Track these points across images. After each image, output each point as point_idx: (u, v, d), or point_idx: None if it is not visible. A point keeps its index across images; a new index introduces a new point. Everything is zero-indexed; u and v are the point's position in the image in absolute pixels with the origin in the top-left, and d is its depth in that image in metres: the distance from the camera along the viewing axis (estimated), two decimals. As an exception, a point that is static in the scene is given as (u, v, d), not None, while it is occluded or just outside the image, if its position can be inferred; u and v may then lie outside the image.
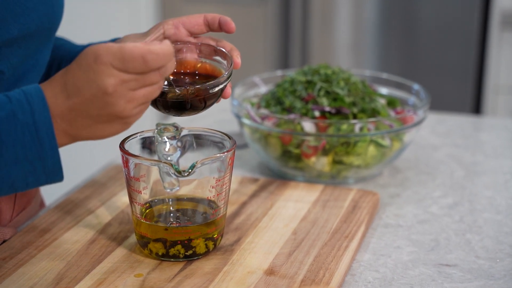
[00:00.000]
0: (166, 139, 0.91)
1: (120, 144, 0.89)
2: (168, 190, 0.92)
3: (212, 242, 0.90)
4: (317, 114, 1.16)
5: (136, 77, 0.75)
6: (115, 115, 0.76)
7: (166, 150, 0.91)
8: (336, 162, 1.16)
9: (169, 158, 0.91)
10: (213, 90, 0.85)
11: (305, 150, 1.15)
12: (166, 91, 0.83)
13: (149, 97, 0.77)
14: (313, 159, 1.15)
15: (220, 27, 0.91)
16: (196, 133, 0.95)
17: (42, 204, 1.11)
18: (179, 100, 0.84)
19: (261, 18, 2.71)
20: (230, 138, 0.91)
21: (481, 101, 2.55)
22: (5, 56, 0.86)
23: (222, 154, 0.87)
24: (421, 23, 2.56)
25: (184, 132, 0.93)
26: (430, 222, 1.06)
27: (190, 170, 0.85)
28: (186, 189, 0.93)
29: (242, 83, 1.31)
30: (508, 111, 2.50)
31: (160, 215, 0.92)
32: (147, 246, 0.89)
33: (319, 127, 1.14)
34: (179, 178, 0.91)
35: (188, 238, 0.88)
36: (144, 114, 0.80)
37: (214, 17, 0.91)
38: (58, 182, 0.79)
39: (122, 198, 1.05)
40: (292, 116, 1.16)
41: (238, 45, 0.96)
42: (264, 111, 1.20)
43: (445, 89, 2.56)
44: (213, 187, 0.89)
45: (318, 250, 0.92)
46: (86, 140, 0.80)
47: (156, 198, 0.92)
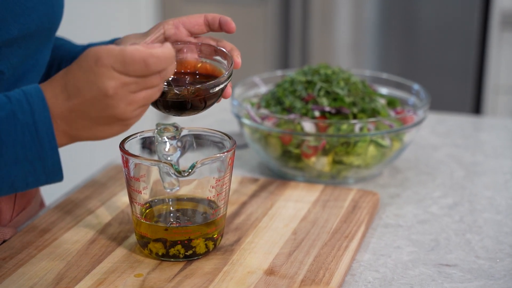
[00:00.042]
0: (166, 139, 0.91)
1: (120, 144, 0.89)
2: (168, 190, 0.92)
3: (212, 242, 0.90)
4: (317, 114, 1.16)
5: (136, 80, 0.75)
6: (115, 117, 0.76)
7: (166, 150, 0.91)
8: (336, 162, 1.16)
9: (169, 158, 0.91)
10: (213, 90, 0.85)
11: (305, 150, 1.15)
12: (167, 91, 0.83)
13: (149, 99, 0.77)
14: (313, 159, 1.15)
15: (220, 27, 0.91)
16: (196, 133, 0.95)
17: (42, 204, 1.11)
18: (180, 100, 0.84)
19: (261, 18, 2.71)
20: (230, 138, 0.91)
21: (481, 101, 2.55)
22: (5, 56, 0.86)
23: (222, 154, 0.87)
24: (421, 23, 2.56)
25: (184, 132, 0.93)
26: (430, 222, 1.06)
27: (190, 170, 0.85)
28: (186, 189, 0.93)
29: (242, 83, 1.31)
30: (508, 111, 2.50)
31: (160, 215, 0.92)
32: (147, 246, 0.89)
33: (319, 127, 1.14)
34: (179, 178, 0.91)
35: (188, 238, 0.88)
36: (144, 114, 0.80)
37: (215, 17, 0.91)
38: (58, 182, 0.79)
39: (122, 198, 1.05)
40: (292, 116, 1.16)
41: (238, 45, 0.96)
42: (264, 111, 1.20)
43: (445, 89, 2.56)
44: (213, 187, 0.89)
45: (318, 250, 0.92)
46: (86, 140, 0.80)
47: (156, 198, 0.92)
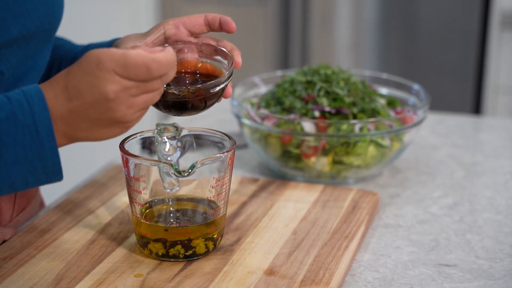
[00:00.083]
0: (166, 139, 0.91)
1: (120, 144, 0.89)
2: (168, 190, 0.92)
3: (212, 242, 0.90)
4: (317, 114, 1.16)
5: (138, 84, 0.75)
6: (115, 120, 0.77)
7: (166, 150, 0.91)
8: (336, 162, 1.16)
9: (169, 158, 0.91)
10: (214, 90, 0.85)
11: (305, 150, 1.15)
12: (167, 91, 0.83)
13: (149, 102, 0.78)
14: (313, 159, 1.15)
15: (220, 27, 0.91)
16: (196, 133, 0.95)
17: (42, 204, 1.11)
18: (180, 100, 0.84)
19: (261, 18, 2.71)
20: (230, 138, 0.91)
21: (481, 101, 2.55)
22: (4, 56, 0.86)
23: (222, 154, 0.87)
24: (421, 23, 2.56)
25: (184, 132, 0.93)
26: (430, 222, 1.06)
27: (190, 170, 0.85)
28: (186, 189, 0.93)
29: (242, 83, 1.31)
30: (508, 111, 2.50)
31: (160, 215, 0.92)
32: (147, 246, 0.89)
33: (319, 127, 1.14)
34: (179, 178, 0.91)
35: (188, 238, 0.88)
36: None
37: (215, 17, 0.91)
38: (58, 181, 0.79)
39: (122, 198, 1.05)
40: (292, 116, 1.16)
41: (238, 45, 0.96)
42: (264, 111, 1.20)
43: (445, 89, 2.56)
44: (213, 187, 0.89)
45: (318, 250, 0.92)
46: (85, 141, 0.80)
47: (156, 198, 0.92)
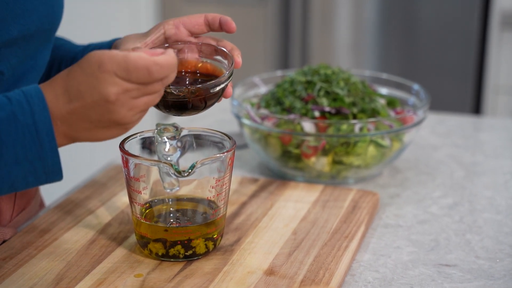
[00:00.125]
0: (166, 139, 0.91)
1: (120, 144, 0.89)
2: (168, 190, 0.92)
3: (212, 242, 0.90)
4: (317, 114, 1.16)
5: (138, 86, 0.76)
6: (116, 121, 0.77)
7: (166, 150, 0.91)
8: (336, 162, 1.16)
9: (169, 158, 0.91)
10: (214, 90, 0.85)
11: (305, 150, 1.15)
12: (167, 91, 0.83)
13: (149, 104, 0.78)
14: (313, 159, 1.15)
15: (220, 27, 0.91)
16: (196, 133, 0.95)
17: (42, 204, 1.11)
18: (180, 100, 0.84)
19: (261, 18, 2.71)
20: (230, 138, 0.91)
21: (481, 101, 2.55)
22: (4, 56, 0.86)
23: (222, 154, 0.87)
24: (421, 23, 2.56)
25: (184, 132, 0.93)
26: (430, 222, 1.06)
27: (190, 170, 0.85)
28: (186, 189, 0.93)
29: (242, 83, 1.31)
30: (508, 111, 2.50)
31: (160, 215, 0.92)
32: (147, 246, 0.89)
33: (319, 127, 1.14)
34: (179, 178, 0.91)
35: (188, 238, 0.88)
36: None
37: (215, 17, 0.91)
38: (57, 181, 0.80)
39: (122, 198, 1.05)
40: (292, 116, 1.16)
41: (238, 45, 0.96)
42: (264, 111, 1.20)
43: (445, 89, 2.56)
44: (213, 187, 0.89)
45: (318, 250, 0.92)
46: (85, 141, 0.80)
47: (156, 198, 0.92)
